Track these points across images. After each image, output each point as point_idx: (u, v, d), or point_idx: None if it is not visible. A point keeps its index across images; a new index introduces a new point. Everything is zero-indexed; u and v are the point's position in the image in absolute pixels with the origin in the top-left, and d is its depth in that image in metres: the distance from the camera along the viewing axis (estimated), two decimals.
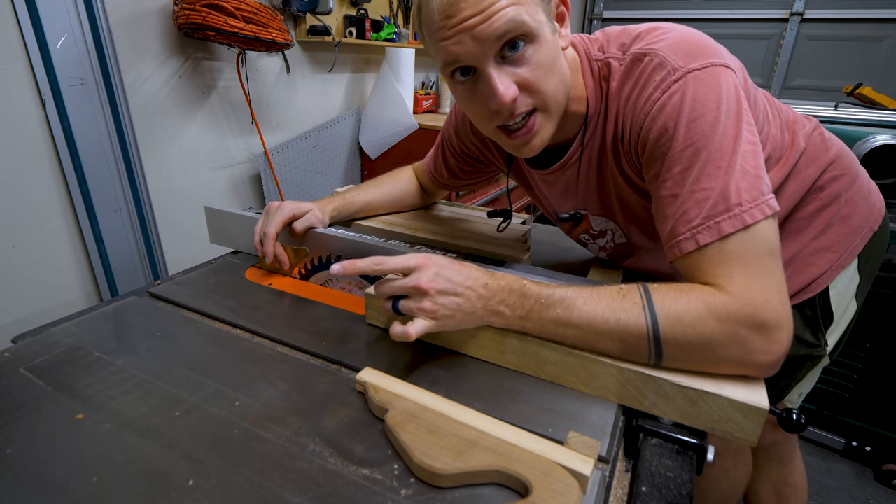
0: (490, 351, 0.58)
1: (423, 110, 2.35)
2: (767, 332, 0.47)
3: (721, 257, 0.50)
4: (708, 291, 0.50)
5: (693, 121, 0.52)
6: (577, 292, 0.53)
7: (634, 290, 0.52)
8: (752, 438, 0.48)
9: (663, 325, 0.49)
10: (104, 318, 0.66)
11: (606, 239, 0.78)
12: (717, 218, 0.50)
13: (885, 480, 1.48)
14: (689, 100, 0.52)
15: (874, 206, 0.76)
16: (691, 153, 0.52)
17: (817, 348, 0.78)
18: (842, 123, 1.40)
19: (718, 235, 0.50)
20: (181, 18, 1.23)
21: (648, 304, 0.50)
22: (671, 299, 0.50)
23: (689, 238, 0.52)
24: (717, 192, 0.50)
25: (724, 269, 0.50)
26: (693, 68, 0.53)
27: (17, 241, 1.11)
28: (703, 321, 0.48)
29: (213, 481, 0.41)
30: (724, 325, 0.48)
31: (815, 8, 2.55)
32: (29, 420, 0.47)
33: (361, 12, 1.91)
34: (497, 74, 0.54)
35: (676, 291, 0.51)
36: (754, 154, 0.52)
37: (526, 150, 0.61)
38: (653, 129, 0.55)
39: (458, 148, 0.87)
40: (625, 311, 0.50)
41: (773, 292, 0.48)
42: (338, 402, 0.51)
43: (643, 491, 0.44)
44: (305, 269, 0.82)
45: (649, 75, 0.55)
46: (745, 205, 0.50)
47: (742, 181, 0.50)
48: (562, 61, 0.58)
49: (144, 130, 1.32)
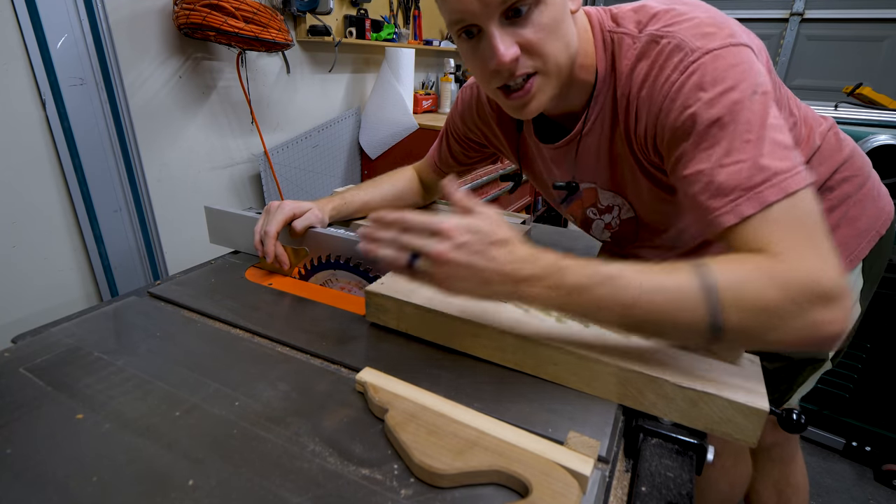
0: (490, 350, 0.58)
1: (423, 110, 2.35)
2: (833, 301, 0.45)
3: (767, 227, 0.47)
4: (765, 259, 0.46)
5: (716, 96, 0.50)
6: (620, 269, 0.48)
7: (684, 263, 0.48)
8: (752, 440, 0.48)
9: (724, 297, 0.45)
10: (104, 318, 0.66)
11: (613, 215, 0.77)
12: (757, 188, 0.47)
13: (885, 480, 1.48)
14: (709, 76, 0.51)
15: (883, 210, 0.74)
16: (717, 128, 0.50)
17: (819, 352, 0.77)
18: (842, 123, 1.40)
19: (761, 205, 0.47)
20: (181, 18, 1.23)
21: (704, 276, 0.46)
22: (729, 270, 0.46)
23: (729, 211, 0.49)
24: (751, 164, 0.48)
25: (773, 237, 0.47)
26: (711, 48, 0.52)
27: (17, 241, 1.11)
28: (767, 292, 0.44)
29: (213, 481, 0.41)
30: (789, 295, 0.44)
31: (815, 8, 2.55)
32: (29, 420, 0.47)
33: (361, 12, 1.91)
34: (499, 34, 0.54)
35: (733, 262, 0.47)
36: (783, 128, 0.50)
37: (523, 112, 0.61)
38: (672, 110, 0.53)
39: (463, 133, 0.88)
40: (679, 286, 0.46)
41: (829, 258, 0.46)
42: (338, 402, 0.51)
43: (643, 491, 0.44)
44: (305, 269, 0.82)
45: (666, 58, 0.54)
46: (783, 173, 0.47)
47: (776, 151, 0.48)
48: (568, 25, 0.57)
49: (144, 130, 1.32)
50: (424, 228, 0.50)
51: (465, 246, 0.48)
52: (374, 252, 0.52)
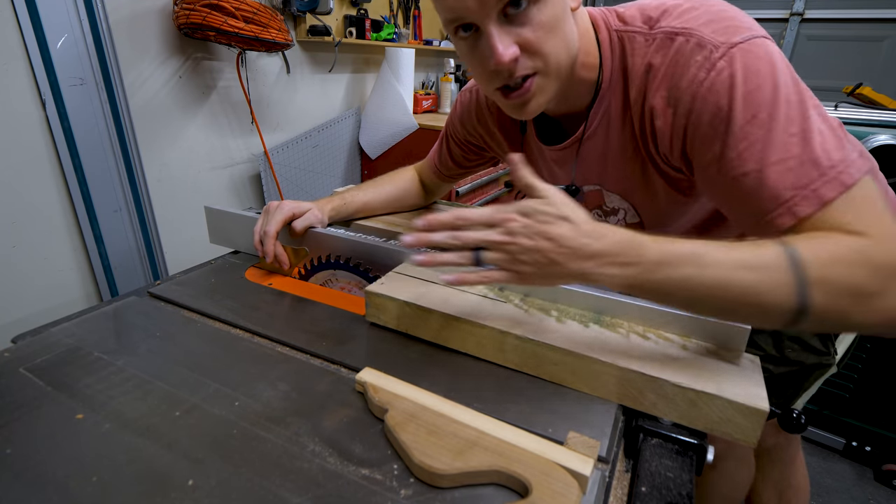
0: (490, 350, 0.58)
1: (423, 110, 2.35)
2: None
3: (837, 217, 0.45)
4: (851, 235, 0.44)
5: (750, 92, 0.49)
6: (704, 246, 0.45)
7: (767, 240, 0.46)
8: (752, 440, 0.47)
9: (813, 273, 0.42)
10: (104, 318, 0.66)
11: (618, 217, 0.76)
12: (812, 185, 0.46)
13: (885, 480, 1.48)
14: (740, 73, 0.49)
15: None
16: (757, 126, 0.48)
17: (826, 357, 0.76)
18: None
19: (819, 203, 0.45)
20: (181, 18, 1.23)
21: (790, 253, 0.43)
22: (816, 245, 0.44)
23: (785, 213, 0.47)
24: (801, 160, 0.46)
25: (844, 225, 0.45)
26: (735, 42, 0.50)
27: (17, 241, 1.11)
28: (855, 267, 0.42)
29: (213, 481, 0.41)
30: (878, 271, 0.42)
31: (815, 8, 2.55)
32: (29, 420, 0.47)
33: (361, 12, 1.91)
34: (497, 33, 0.52)
35: (818, 238, 0.45)
36: (826, 117, 0.49)
37: (523, 111, 0.59)
38: (704, 111, 0.52)
39: (462, 137, 0.87)
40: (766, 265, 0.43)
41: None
42: (338, 402, 0.51)
43: (643, 491, 0.44)
44: (305, 269, 0.82)
45: (688, 56, 0.53)
46: (839, 165, 0.45)
47: (826, 142, 0.46)
48: (568, 24, 0.56)
49: (144, 130, 1.32)
50: (481, 221, 0.49)
51: (525, 228, 0.46)
52: (434, 260, 0.51)
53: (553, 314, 0.59)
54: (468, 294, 0.63)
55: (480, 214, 0.49)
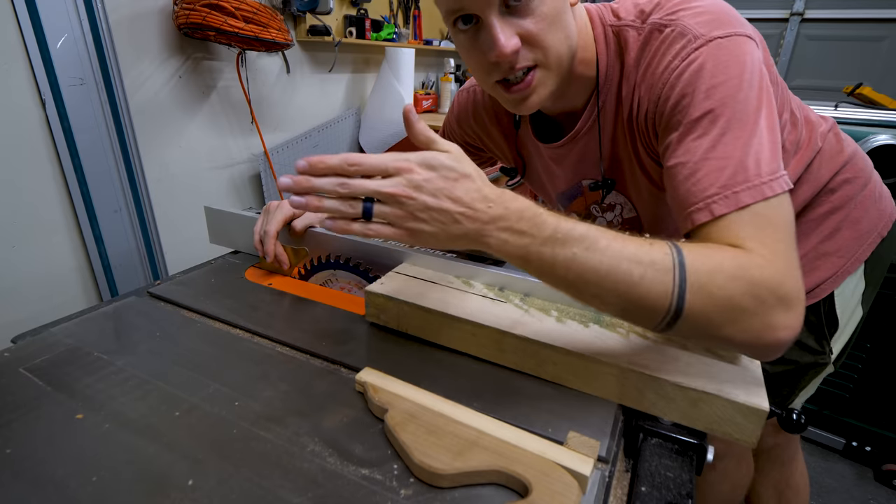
0: (490, 350, 0.58)
1: (423, 110, 2.35)
2: (791, 307, 0.44)
3: (740, 226, 0.47)
4: (740, 252, 0.45)
5: (713, 87, 0.50)
6: (599, 232, 0.45)
7: (663, 242, 0.47)
8: (752, 440, 0.47)
9: (692, 282, 0.44)
10: (104, 318, 0.66)
11: (615, 213, 0.76)
12: (735, 188, 0.47)
13: (885, 480, 1.48)
14: (709, 66, 0.50)
15: (884, 212, 0.74)
16: (709, 120, 0.49)
17: (821, 356, 0.77)
18: (842, 123, 1.39)
19: (736, 206, 0.47)
20: (181, 18, 1.23)
21: (678, 259, 0.44)
22: (704, 255, 0.45)
23: (703, 208, 0.48)
24: (736, 162, 0.47)
25: (745, 235, 0.46)
26: (716, 36, 0.51)
27: (17, 241, 1.11)
28: (734, 284, 0.43)
29: (212, 481, 0.41)
30: (753, 291, 0.43)
31: (815, 8, 2.55)
32: (29, 420, 0.47)
33: (361, 12, 1.91)
34: (499, 24, 0.52)
35: (708, 249, 0.46)
36: (774, 129, 0.50)
37: (523, 105, 0.59)
38: (671, 97, 0.52)
39: (460, 138, 0.87)
40: (653, 263, 0.44)
41: (795, 267, 0.45)
42: (338, 402, 0.51)
43: (643, 491, 0.44)
44: (305, 269, 0.82)
45: (669, 45, 0.53)
46: (766, 177, 0.47)
47: (763, 152, 0.48)
48: (568, 17, 0.56)
49: (144, 130, 1.32)
50: (376, 168, 0.43)
51: (427, 182, 0.43)
52: (312, 205, 0.44)
53: (553, 314, 0.59)
54: (468, 294, 0.63)
55: (376, 161, 0.43)
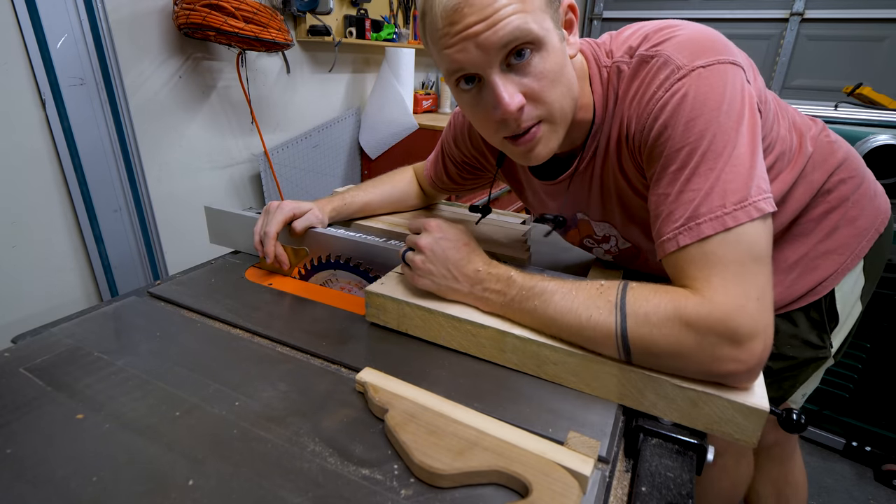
0: (490, 350, 0.58)
1: (423, 110, 2.35)
2: (738, 341, 0.46)
3: (701, 260, 0.49)
4: (681, 293, 0.49)
5: (691, 120, 0.51)
6: (557, 286, 0.54)
7: (613, 287, 0.52)
8: (752, 440, 0.47)
9: (631, 325, 0.48)
10: (104, 318, 0.66)
11: (610, 244, 0.77)
12: (698, 219, 0.49)
13: (885, 480, 1.48)
14: (689, 98, 0.51)
15: (880, 209, 0.75)
16: (686, 153, 0.51)
17: (822, 350, 0.77)
18: (842, 123, 1.40)
19: (698, 237, 0.49)
20: (181, 18, 1.23)
21: (621, 303, 0.50)
22: (643, 299, 0.49)
23: (671, 238, 0.51)
24: (703, 194, 0.49)
25: (702, 272, 0.49)
26: (697, 66, 0.52)
27: (17, 241, 1.11)
28: (670, 323, 0.47)
29: (213, 481, 0.41)
30: (691, 329, 0.47)
31: (815, 8, 2.55)
32: (29, 420, 0.47)
33: (361, 12, 1.91)
34: (502, 83, 0.52)
35: (651, 292, 0.50)
36: (752, 154, 0.51)
37: (530, 157, 0.59)
38: (654, 127, 0.54)
39: (458, 158, 0.87)
40: (598, 308, 0.51)
41: (751, 298, 0.47)
42: (338, 402, 0.51)
43: (643, 491, 0.44)
44: (305, 269, 0.82)
45: (654, 75, 0.54)
46: (729, 207, 0.49)
47: (731, 183, 0.49)
48: (569, 70, 0.57)
49: (144, 130, 1.32)
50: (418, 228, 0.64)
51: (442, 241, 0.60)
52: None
53: None
54: None
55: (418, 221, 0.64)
